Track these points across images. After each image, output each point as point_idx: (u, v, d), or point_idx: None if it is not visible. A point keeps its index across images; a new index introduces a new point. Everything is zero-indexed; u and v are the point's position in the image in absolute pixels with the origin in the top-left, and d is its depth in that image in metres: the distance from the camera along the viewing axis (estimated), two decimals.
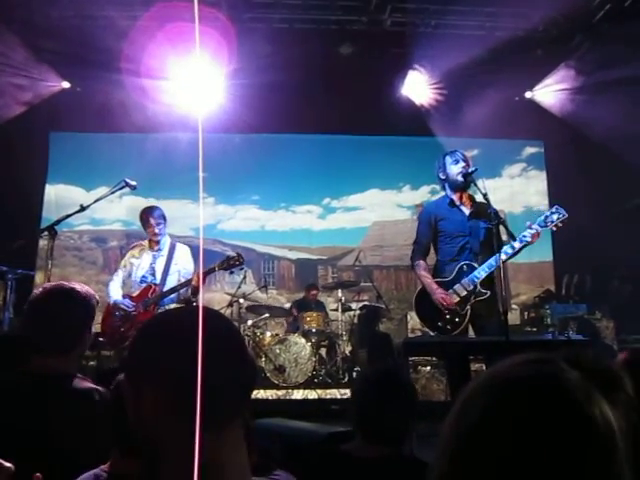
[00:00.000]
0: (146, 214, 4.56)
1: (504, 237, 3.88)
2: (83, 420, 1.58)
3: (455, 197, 3.96)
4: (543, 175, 8.63)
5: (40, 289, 1.83)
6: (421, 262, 3.99)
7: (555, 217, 3.73)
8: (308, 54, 7.12)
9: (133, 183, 3.84)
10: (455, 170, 3.90)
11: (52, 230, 3.36)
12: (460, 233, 3.88)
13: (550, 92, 7.55)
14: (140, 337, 0.98)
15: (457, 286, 3.77)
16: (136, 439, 0.95)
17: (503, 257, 3.62)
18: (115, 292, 4.49)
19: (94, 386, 1.71)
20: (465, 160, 3.92)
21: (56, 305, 1.79)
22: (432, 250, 4.05)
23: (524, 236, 3.69)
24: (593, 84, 6.92)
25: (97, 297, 1.92)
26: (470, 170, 3.79)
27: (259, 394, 5.44)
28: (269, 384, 5.69)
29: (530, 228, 3.70)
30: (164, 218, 4.57)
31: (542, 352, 0.76)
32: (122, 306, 4.35)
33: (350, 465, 1.65)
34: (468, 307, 3.74)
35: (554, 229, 3.78)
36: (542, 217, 3.75)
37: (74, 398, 1.66)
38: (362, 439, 1.77)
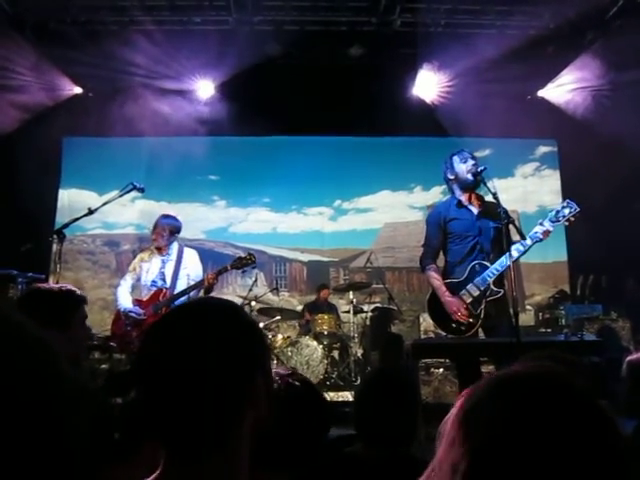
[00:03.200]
0: (158, 220, 4.59)
1: (516, 237, 3.81)
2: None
3: (463, 198, 3.91)
4: (557, 174, 8.53)
5: None
6: (432, 265, 3.94)
7: (567, 212, 3.64)
8: (318, 56, 7.12)
9: (141, 186, 3.86)
10: (464, 169, 3.84)
11: (61, 234, 3.39)
12: (469, 233, 3.83)
13: (562, 90, 7.47)
14: (144, 341, 0.93)
15: (470, 286, 3.72)
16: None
17: (515, 254, 3.56)
18: (124, 298, 4.51)
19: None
20: (473, 159, 3.87)
21: (19, 306, 1.83)
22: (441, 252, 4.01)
23: (535, 233, 3.62)
24: (606, 81, 6.84)
25: (71, 291, 1.93)
26: (480, 169, 3.73)
27: None
28: None
29: (541, 225, 3.63)
30: (171, 230, 4.55)
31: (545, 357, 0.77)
32: (132, 315, 4.36)
33: (353, 467, 1.63)
34: (482, 307, 3.69)
35: (566, 224, 3.70)
36: (553, 212, 3.67)
37: None
38: (363, 441, 1.76)
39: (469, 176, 3.80)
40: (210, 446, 0.84)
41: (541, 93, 7.70)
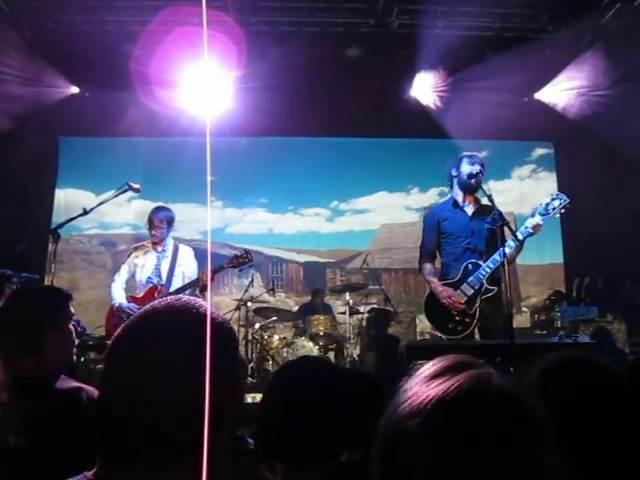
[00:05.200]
0: (152, 214, 4.61)
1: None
2: (60, 422, 1.56)
3: (460, 198, 3.95)
4: (553, 176, 8.55)
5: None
6: (427, 265, 3.99)
7: (557, 203, 3.67)
8: (316, 57, 7.12)
9: (136, 186, 3.87)
10: (467, 169, 3.89)
11: (55, 234, 3.38)
12: (462, 234, 3.87)
13: (559, 92, 7.48)
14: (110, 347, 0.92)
15: (464, 286, 3.76)
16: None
17: (507, 250, 3.57)
18: (118, 294, 4.52)
19: (78, 385, 1.71)
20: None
21: (6, 306, 1.83)
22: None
23: (525, 228, 3.65)
24: (603, 83, 6.84)
25: (66, 293, 1.93)
26: (475, 172, 3.77)
27: None
28: None
29: (532, 217, 3.66)
30: (168, 221, 4.59)
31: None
32: (127, 310, 4.37)
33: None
34: (477, 306, 3.71)
35: (557, 216, 3.72)
36: (542, 205, 3.69)
37: (51, 399, 1.65)
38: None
39: (472, 180, 3.84)
40: (187, 450, 0.82)
41: (538, 95, 7.70)
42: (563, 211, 3.66)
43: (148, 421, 0.81)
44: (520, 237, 3.62)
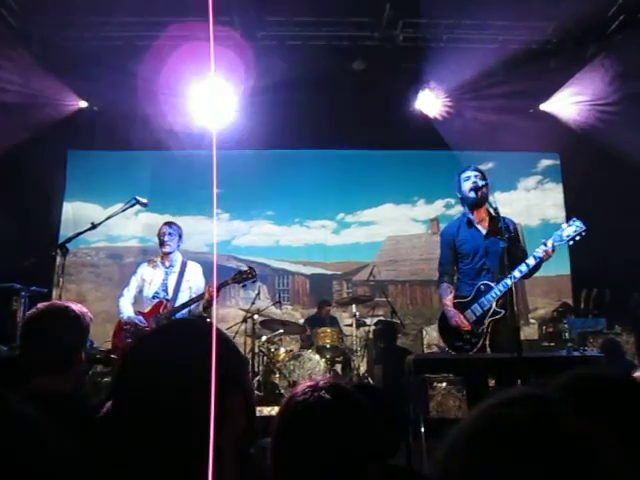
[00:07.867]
0: (162, 227, 4.66)
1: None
2: (85, 440, 1.57)
3: (473, 216, 3.93)
4: (559, 187, 8.54)
5: (34, 308, 1.86)
6: (443, 285, 4.01)
7: (572, 231, 3.64)
8: (321, 70, 7.17)
9: (144, 200, 3.90)
10: (467, 187, 3.88)
11: (63, 248, 3.41)
12: (477, 254, 3.86)
13: (565, 104, 7.49)
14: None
15: (474, 306, 3.77)
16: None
17: (517, 275, 3.57)
18: (126, 308, 4.55)
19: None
20: (477, 174, 3.88)
21: (49, 324, 1.82)
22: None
23: (537, 254, 3.62)
24: (608, 94, 6.86)
25: (90, 315, 1.94)
26: (480, 184, 3.76)
27: (273, 411, 5.40)
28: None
29: (545, 245, 3.62)
30: (178, 234, 4.64)
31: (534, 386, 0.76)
32: (134, 322, 4.39)
33: None
34: (484, 326, 3.71)
35: (572, 243, 3.69)
36: (558, 232, 3.66)
37: (77, 418, 1.66)
38: None
39: (471, 194, 3.83)
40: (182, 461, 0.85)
41: (543, 107, 7.72)
42: (578, 238, 3.63)
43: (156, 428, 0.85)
44: (532, 262, 3.59)
